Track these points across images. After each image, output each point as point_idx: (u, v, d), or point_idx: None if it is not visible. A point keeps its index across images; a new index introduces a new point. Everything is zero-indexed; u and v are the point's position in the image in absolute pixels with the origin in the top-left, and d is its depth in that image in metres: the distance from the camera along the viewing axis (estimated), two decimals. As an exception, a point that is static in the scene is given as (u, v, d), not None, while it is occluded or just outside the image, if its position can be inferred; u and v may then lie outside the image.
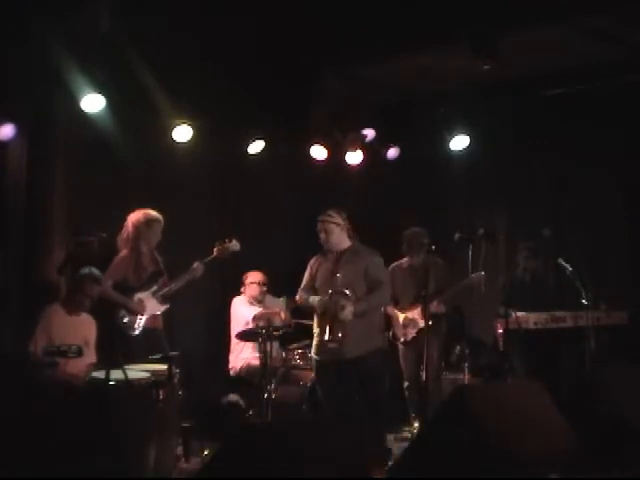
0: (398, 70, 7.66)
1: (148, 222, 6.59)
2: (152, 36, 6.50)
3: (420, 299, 7.02)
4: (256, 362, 7.01)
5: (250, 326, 7.19)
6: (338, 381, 6.33)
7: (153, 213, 6.63)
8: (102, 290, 6.37)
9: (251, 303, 7.60)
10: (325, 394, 6.45)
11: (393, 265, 7.57)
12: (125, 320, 6.46)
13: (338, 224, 6.49)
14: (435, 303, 7.17)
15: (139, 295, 6.54)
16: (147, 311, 6.55)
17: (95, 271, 6.20)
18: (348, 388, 6.35)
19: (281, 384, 7.09)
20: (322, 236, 6.50)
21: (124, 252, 6.58)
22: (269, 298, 7.73)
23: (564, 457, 4.64)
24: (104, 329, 6.25)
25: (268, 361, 6.64)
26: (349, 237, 6.54)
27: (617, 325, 7.17)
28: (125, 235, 6.61)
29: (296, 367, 7.35)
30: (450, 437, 4.34)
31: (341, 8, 6.56)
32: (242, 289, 7.70)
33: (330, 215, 6.50)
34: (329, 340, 6.26)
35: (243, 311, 7.51)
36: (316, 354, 6.44)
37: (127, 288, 6.53)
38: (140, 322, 6.51)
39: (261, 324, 6.90)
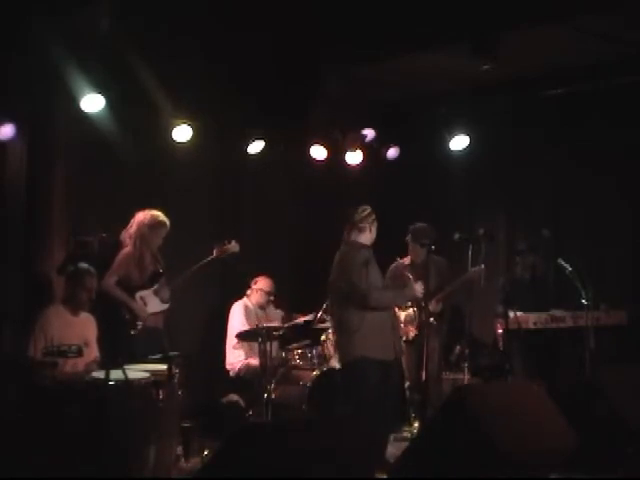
0: (398, 70, 7.65)
1: (153, 225, 6.59)
2: (152, 36, 6.51)
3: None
4: (256, 362, 7.02)
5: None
6: None
7: (160, 217, 6.62)
8: (106, 287, 6.38)
9: (248, 310, 7.56)
10: None
11: (394, 264, 7.57)
12: (127, 317, 6.47)
13: None
14: (434, 302, 7.17)
15: (141, 293, 6.55)
16: (149, 309, 6.56)
17: (92, 269, 6.20)
18: None
19: (281, 384, 7.08)
20: (374, 232, 6.35)
21: (128, 249, 6.59)
22: (270, 308, 7.73)
23: (564, 457, 4.65)
24: (106, 328, 6.25)
25: (268, 361, 6.64)
26: None
27: (617, 325, 7.18)
28: (130, 232, 6.62)
29: (296, 367, 7.34)
30: (450, 437, 4.34)
31: (341, 8, 6.56)
32: (248, 292, 7.64)
33: None
34: None
35: (236, 322, 7.49)
36: None
37: (130, 286, 6.54)
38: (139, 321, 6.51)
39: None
